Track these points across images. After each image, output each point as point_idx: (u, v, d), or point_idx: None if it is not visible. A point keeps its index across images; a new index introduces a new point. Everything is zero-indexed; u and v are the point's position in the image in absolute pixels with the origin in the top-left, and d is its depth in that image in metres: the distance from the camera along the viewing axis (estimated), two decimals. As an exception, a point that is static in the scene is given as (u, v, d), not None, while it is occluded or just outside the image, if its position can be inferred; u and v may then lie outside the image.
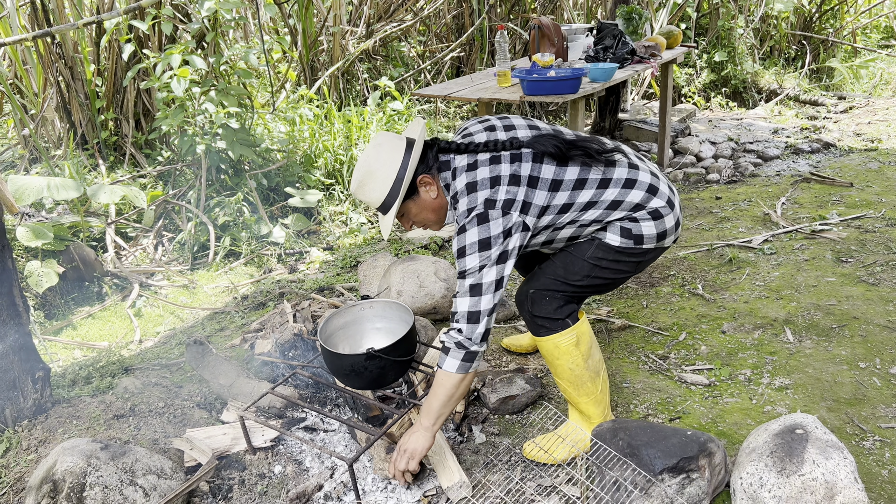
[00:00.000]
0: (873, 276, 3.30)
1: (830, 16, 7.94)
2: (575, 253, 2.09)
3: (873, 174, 4.71)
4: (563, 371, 2.18)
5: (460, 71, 6.96)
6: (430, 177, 2.00)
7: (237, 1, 4.16)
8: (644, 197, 2.02)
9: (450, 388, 1.95)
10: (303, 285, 3.76)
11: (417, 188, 2.00)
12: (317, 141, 5.02)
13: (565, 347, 2.13)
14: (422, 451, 2.01)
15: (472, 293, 1.89)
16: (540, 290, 2.11)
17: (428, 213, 2.06)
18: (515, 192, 1.92)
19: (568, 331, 2.12)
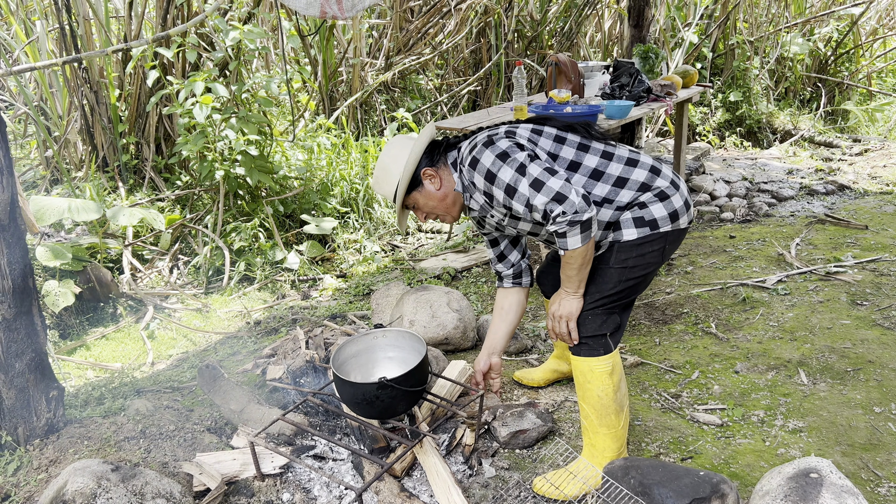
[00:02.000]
0: (889, 321, 3.27)
1: (846, 59, 8.00)
2: (600, 266, 2.16)
3: (889, 217, 4.70)
4: (592, 397, 2.22)
5: (476, 104, 7.04)
6: (434, 169, 2.18)
7: (261, 32, 4.26)
8: (648, 177, 2.12)
9: (581, 260, 2.04)
10: (315, 312, 3.77)
11: (422, 180, 2.19)
12: (334, 170, 5.08)
13: (599, 373, 2.19)
14: (575, 312, 2.14)
15: (538, 188, 1.97)
16: (582, 312, 2.18)
17: (434, 203, 2.22)
18: (516, 129, 2.16)
19: (606, 357, 2.18)
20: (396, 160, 2.16)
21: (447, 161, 2.23)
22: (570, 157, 2.13)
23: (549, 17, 7.21)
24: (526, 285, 2.46)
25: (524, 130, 2.16)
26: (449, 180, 2.21)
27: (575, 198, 1.93)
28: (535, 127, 2.19)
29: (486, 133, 2.15)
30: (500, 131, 2.14)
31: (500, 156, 2.04)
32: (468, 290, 3.95)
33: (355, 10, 3.02)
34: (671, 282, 3.92)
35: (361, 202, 4.97)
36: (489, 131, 2.17)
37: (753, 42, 7.62)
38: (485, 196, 2.13)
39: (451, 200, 2.22)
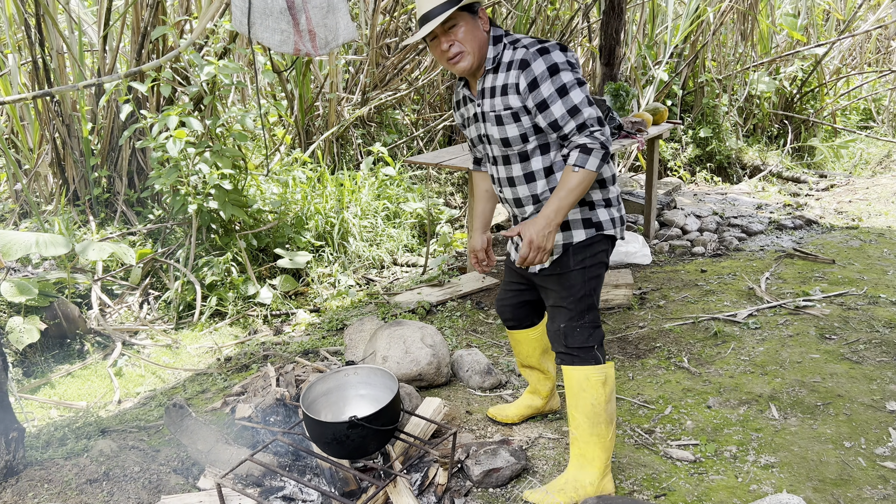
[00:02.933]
0: (857, 354, 3.32)
1: (811, 97, 8.23)
2: (563, 273, 2.30)
3: (855, 252, 4.80)
4: (585, 405, 2.30)
5: (452, 139, 7.10)
6: (485, 13, 2.21)
7: (236, 66, 4.27)
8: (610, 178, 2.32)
9: (585, 183, 2.09)
10: (287, 348, 3.73)
11: (476, 13, 2.19)
12: (309, 203, 5.07)
13: (594, 381, 2.29)
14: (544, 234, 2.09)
15: (589, 104, 2.09)
16: (568, 324, 2.30)
17: (474, 38, 2.18)
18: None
19: (600, 367, 2.30)
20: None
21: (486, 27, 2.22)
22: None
23: (523, 54, 7.34)
24: None
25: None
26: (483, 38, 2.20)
27: (607, 128, 2.11)
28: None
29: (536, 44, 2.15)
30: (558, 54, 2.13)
31: (561, 64, 2.10)
32: (443, 325, 3.94)
33: (329, 48, 3.05)
34: (644, 315, 3.95)
35: (336, 236, 4.96)
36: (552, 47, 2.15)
37: (722, 80, 7.82)
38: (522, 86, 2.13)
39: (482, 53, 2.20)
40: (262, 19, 2.75)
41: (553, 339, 2.37)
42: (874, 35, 9.29)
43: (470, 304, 4.22)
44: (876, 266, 4.49)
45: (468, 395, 3.14)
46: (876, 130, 8.46)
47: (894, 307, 3.82)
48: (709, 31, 7.72)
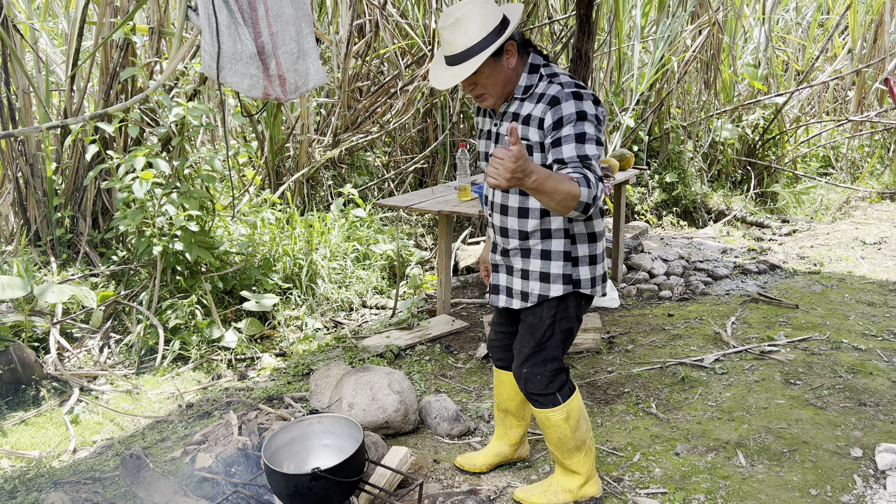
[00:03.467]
0: (821, 400, 3.35)
1: (772, 144, 8.46)
2: (534, 322, 2.36)
3: (817, 297, 4.89)
4: (552, 438, 2.48)
5: (423, 182, 7.14)
6: (514, 46, 2.15)
7: (206, 108, 4.26)
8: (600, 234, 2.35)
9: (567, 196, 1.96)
10: (251, 394, 3.65)
11: (502, 52, 2.14)
12: (277, 245, 5.03)
13: (555, 421, 2.42)
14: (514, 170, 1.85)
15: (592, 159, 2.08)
16: (530, 368, 2.39)
17: (496, 81, 2.17)
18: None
19: (559, 408, 2.40)
20: (489, 15, 2.08)
21: (523, 56, 2.21)
22: None
23: (494, 99, 7.46)
24: None
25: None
26: (517, 70, 2.19)
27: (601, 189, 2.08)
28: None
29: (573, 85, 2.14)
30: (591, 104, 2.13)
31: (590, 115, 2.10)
32: (412, 370, 3.90)
33: (299, 93, 3.06)
34: (612, 360, 3.95)
35: (304, 277, 4.91)
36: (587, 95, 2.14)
37: (687, 127, 8.01)
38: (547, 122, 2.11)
39: (509, 88, 2.20)
40: (232, 64, 2.76)
41: (516, 377, 2.48)
42: (831, 85, 9.64)
43: (439, 348, 4.19)
44: (838, 311, 4.57)
45: (436, 443, 3.09)
46: (835, 177, 8.71)
47: (856, 352, 3.88)
48: (673, 79, 7.93)
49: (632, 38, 7.64)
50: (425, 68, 6.53)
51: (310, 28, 3.08)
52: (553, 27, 7.55)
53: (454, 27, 2.09)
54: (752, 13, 9.28)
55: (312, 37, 3.15)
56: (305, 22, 3.08)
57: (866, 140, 9.06)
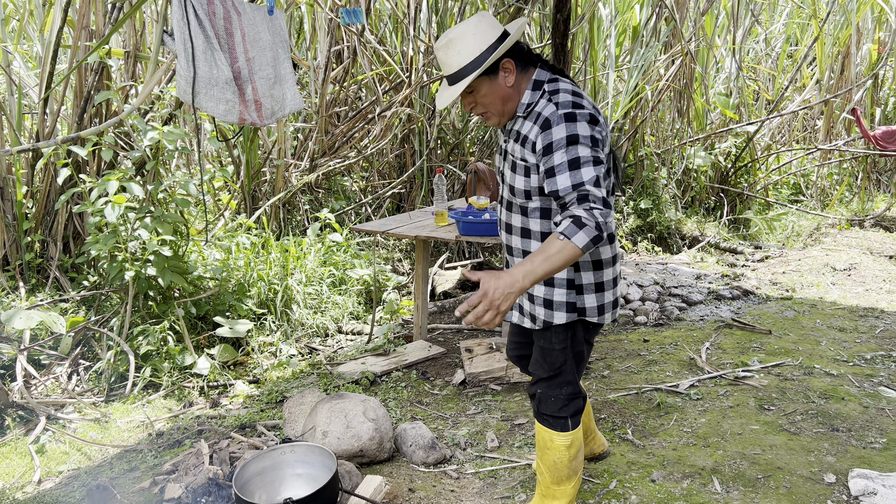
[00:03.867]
0: (794, 425, 3.37)
1: (745, 171, 8.62)
2: (545, 347, 2.35)
3: (789, 322, 4.94)
4: (548, 461, 2.45)
5: (400, 206, 7.15)
6: (512, 63, 2.11)
7: (181, 133, 4.24)
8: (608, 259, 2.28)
9: (566, 259, 1.89)
10: (224, 422, 3.58)
11: (498, 69, 2.10)
12: (252, 270, 4.98)
13: (558, 445, 2.40)
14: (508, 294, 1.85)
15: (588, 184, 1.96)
16: (545, 390, 2.38)
17: (495, 99, 2.14)
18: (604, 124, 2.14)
19: (567, 434, 2.39)
20: (482, 34, 2.06)
21: (526, 72, 2.17)
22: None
23: (471, 126, 7.51)
24: None
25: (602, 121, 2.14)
26: (519, 87, 2.15)
27: (609, 212, 1.94)
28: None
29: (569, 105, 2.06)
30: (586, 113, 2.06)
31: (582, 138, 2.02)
32: (387, 396, 3.86)
33: (275, 118, 3.06)
34: (588, 386, 3.95)
35: (279, 303, 4.87)
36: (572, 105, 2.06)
37: (661, 154, 8.13)
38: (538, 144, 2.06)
39: (511, 106, 2.16)
40: (207, 89, 2.75)
41: (530, 396, 2.48)
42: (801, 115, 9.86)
43: (416, 374, 4.16)
44: (810, 336, 4.63)
45: (411, 472, 3.06)
46: (805, 204, 8.87)
47: (828, 378, 3.92)
48: (647, 107, 8.07)
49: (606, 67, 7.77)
50: (403, 94, 6.58)
51: (287, 54, 3.09)
52: (529, 55, 7.64)
53: (447, 47, 2.10)
54: (723, 44, 9.49)
55: (289, 62, 3.16)
56: (282, 48, 3.09)
57: (835, 168, 9.26)
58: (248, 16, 2.94)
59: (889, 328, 4.76)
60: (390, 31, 7.30)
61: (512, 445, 3.29)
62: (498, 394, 3.88)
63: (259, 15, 3.06)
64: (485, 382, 3.97)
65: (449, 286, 5.83)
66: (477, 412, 3.67)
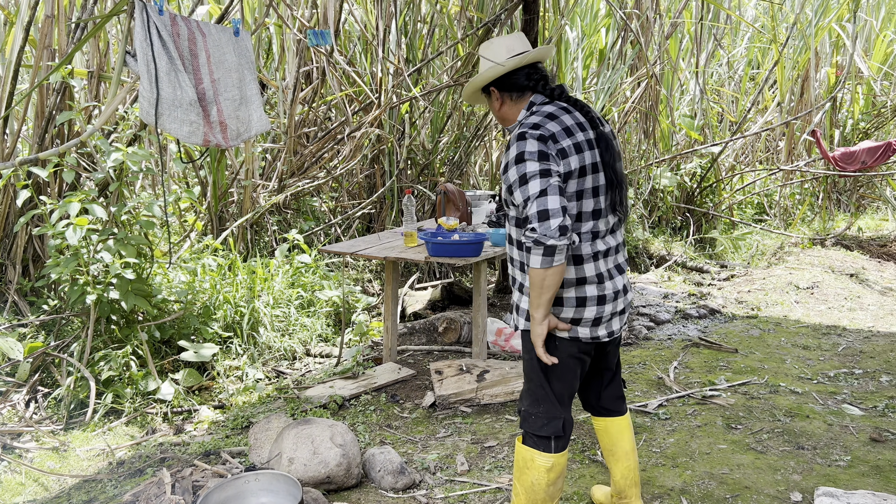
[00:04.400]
0: (761, 444, 3.40)
1: (710, 192, 8.77)
2: (526, 357, 2.40)
3: (755, 341, 5.01)
4: (525, 482, 2.39)
5: (370, 227, 7.12)
6: (497, 92, 2.39)
7: (146, 154, 4.18)
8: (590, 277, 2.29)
9: (538, 282, 2.13)
10: (188, 449, 3.50)
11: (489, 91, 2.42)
12: (218, 292, 4.91)
13: (538, 465, 2.36)
14: (542, 336, 2.22)
15: (532, 199, 2.11)
16: (527, 408, 2.40)
17: (495, 113, 2.47)
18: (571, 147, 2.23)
19: (548, 456, 2.35)
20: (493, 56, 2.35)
21: (522, 97, 2.38)
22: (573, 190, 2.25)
23: (440, 146, 7.54)
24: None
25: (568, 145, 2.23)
26: (512, 109, 2.39)
27: (555, 223, 2.06)
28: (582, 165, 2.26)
29: (527, 126, 2.23)
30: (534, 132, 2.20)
31: (528, 154, 2.16)
32: (355, 420, 3.81)
33: (241, 140, 3.03)
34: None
35: (246, 326, 4.79)
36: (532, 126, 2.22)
37: (628, 175, 8.24)
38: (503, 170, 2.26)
39: (507, 123, 2.43)
40: (171, 110, 2.71)
41: (518, 412, 2.60)
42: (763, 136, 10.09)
43: (385, 397, 4.11)
44: (775, 355, 4.69)
45: (380, 498, 3.01)
46: (769, 223, 9.04)
47: (793, 396, 3.97)
48: (614, 129, 8.18)
49: (574, 89, 7.87)
50: (372, 115, 6.58)
51: (253, 75, 3.08)
52: (498, 77, 7.71)
53: (489, 50, 2.41)
54: (687, 67, 9.70)
55: (255, 84, 3.14)
56: (248, 69, 3.07)
57: (797, 188, 9.47)
58: (213, 37, 2.92)
59: (851, 346, 4.84)
60: (359, 51, 7.32)
61: (482, 469, 3.27)
62: (468, 416, 3.85)
63: (225, 36, 3.04)
64: (455, 405, 3.94)
65: (419, 307, 5.81)
66: (447, 435, 3.64)
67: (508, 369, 4.07)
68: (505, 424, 3.73)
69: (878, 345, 4.84)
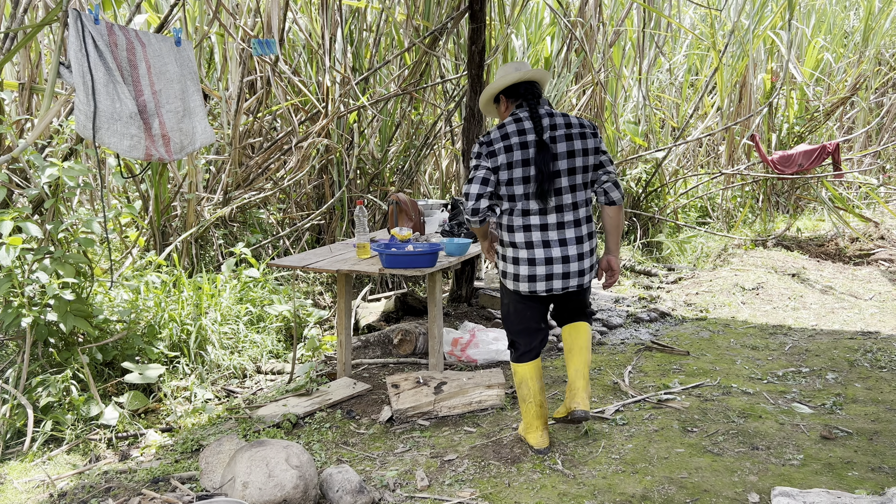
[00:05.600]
0: (717, 446, 3.44)
1: (655, 196, 8.93)
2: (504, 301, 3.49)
3: (705, 343, 5.09)
4: (515, 384, 3.50)
5: (320, 239, 7.00)
6: (506, 99, 3.29)
7: (83, 169, 4.00)
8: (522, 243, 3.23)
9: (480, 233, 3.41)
10: (134, 476, 3.34)
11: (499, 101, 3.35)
12: (162, 310, 4.73)
13: (514, 370, 3.49)
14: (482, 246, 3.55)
15: (470, 182, 3.17)
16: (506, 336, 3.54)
17: (501, 113, 3.37)
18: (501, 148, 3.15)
19: (517, 364, 3.46)
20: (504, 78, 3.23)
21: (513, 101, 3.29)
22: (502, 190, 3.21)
23: (390, 155, 7.48)
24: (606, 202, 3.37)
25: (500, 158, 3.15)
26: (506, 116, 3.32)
27: (469, 206, 3.15)
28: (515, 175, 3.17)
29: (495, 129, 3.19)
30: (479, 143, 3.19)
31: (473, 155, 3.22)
32: (311, 439, 3.71)
33: (185, 153, 2.92)
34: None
35: (193, 344, 4.63)
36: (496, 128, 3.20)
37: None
38: None
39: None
40: (110, 124, 2.59)
41: None
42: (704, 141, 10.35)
43: (340, 414, 4.02)
44: (725, 356, 4.77)
45: (338, 519, 2.92)
46: (712, 226, 9.27)
47: (745, 396, 4.05)
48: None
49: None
50: (320, 125, 6.48)
51: (196, 86, 2.97)
52: (446, 86, 7.72)
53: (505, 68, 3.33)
54: (630, 74, 9.88)
55: (199, 95, 3.03)
56: (191, 80, 2.96)
57: (738, 191, 9.74)
58: (153, 47, 2.80)
59: (797, 345, 4.97)
60: (305, 61, 7.21)
61: (443, 483, 3.21)
62: (426, 429, 3.79)
63: (165, 46, 2.93)
64: (412, 418, 3.88)
65: (373, 319, 5.72)
66: (405, 450, 3.57)
67: (466, 380, 4.03)
68: (464, 436, 3.68)
69: (822, 343, 4.99)
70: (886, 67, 11.49)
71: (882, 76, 11.38)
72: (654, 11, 8.26)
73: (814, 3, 11.30)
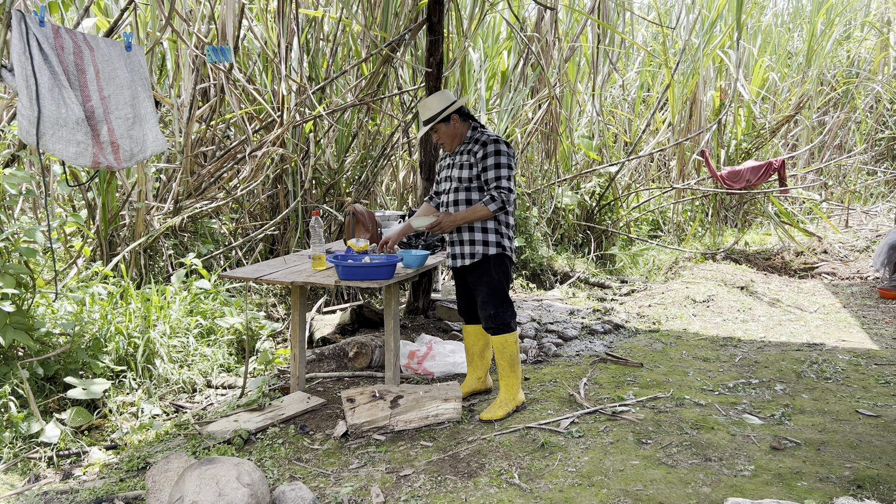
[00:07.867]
0: (671, 458, 3.48)
1: (608, 209, 9.07)
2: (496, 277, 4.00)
3: (658, 354, 5.16)
4: (507, 356, 4.06)
5: (273, 249, 6.89)
6: (457, 116, 3.90)
7: (25, 176, 3.85)
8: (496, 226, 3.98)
9: (482, 216, 3.85)
10: (76, 496, 3.21)
11: (450, 119, 3.88)
12: (109, 323, 4.57)
13: (515, 339, 4.09)
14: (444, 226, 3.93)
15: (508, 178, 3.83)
16: (496, 311, 3.99)
17: (448, 136, 3.93)
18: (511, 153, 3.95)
19: (516, 332, 4.10)
20: (444, 100, 3.89)
21: (465, 121, 3.96)
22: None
23: (346, 166, 7.42)
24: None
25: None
26: (462, 130, 3.95)
27: (513, 196, 3.84)
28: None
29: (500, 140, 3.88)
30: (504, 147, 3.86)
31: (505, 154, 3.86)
32: (263, 455, 3.62)
33: (135, 161, 2.83)
34: (473, 429, 3.90)
35: (141, 358, 4.49)
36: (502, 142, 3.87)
37: (531, 194, 8.40)
38: (479, 156, 3.85)
39: (458, 140, 3.97)
40: (55, 130, 2.49)
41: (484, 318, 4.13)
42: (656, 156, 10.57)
43: (294, 429, 3.94)
44: (678, 368, 4.85)
45: (292, 538, 2.84)
46: (663, 239, 9.45)
47: (698, 408, 4.11)
48: (517, 149, 8.33)
49: (478, 110, 7.96)
50: (275, 134, 6.39)
51: (147, 92, 2.88)
52: (403, 97, 7.70)
53: (424, 107, 3.94)
54: (585, 89, 10.04)
55: (150, 101, 2.95)
56: (142, 86, 2.88)
57: (688, 205, 9.96)
58: (102, 51, 2.71)
59: (746, 356, 5.08)
60: (260, 69, 7.12)
61: (399, 500, 3.16)
62: (382, 444, 3.74)
63: (115, 51, 2.83)
64: (368, 433, 3.82)
65: (328, 331, 5.64)
66: (360, 465, 3.51)
67: (422, 393, 3.99)
68: (420, 451, 3.64)
69: (771, 354, 5.11)
70: (828, 87, 11.94)
71: (824, 96, 11.83)
72: (608, 28, 8.41)
73: (760, 23, 11.69)
